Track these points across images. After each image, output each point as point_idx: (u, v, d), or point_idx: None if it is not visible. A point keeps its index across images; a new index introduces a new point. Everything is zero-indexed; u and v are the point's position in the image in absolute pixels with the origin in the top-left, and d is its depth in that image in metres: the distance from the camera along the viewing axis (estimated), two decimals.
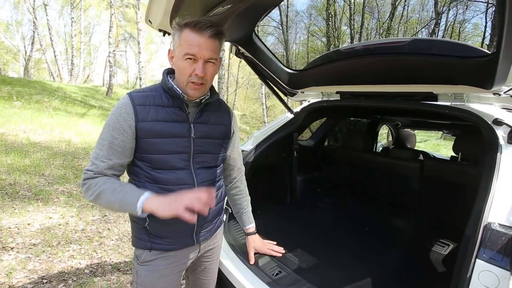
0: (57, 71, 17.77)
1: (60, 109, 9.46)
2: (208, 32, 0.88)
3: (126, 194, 0.87)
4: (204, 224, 1.09)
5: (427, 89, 1.44)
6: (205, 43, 0.88)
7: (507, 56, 0.92)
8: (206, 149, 1.04)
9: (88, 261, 2.38)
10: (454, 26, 17.05)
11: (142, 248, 1.02)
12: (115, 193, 0.87)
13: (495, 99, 1.30)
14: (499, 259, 0.81)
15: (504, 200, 0.97)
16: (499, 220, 0.90)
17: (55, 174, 4.08)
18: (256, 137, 2.04)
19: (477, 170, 1.69)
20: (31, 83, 12.40)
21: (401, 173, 2.18)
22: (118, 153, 0.92)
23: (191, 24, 0.88)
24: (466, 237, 0.92)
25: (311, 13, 23.29)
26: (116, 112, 0.92)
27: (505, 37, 0.86)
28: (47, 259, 2.32)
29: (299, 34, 25.07)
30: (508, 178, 1.03)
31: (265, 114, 21.19)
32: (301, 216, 2.06)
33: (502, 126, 1.22)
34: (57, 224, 2.83)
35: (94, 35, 28.24)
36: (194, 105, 1.01)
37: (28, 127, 6.10)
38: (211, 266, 1.26)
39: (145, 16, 1.33)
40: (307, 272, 1.33)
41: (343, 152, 2.64)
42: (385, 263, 1.50)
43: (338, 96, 1.95)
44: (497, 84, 1.07)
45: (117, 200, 0.86)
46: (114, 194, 0.87)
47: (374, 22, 18.70)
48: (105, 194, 0.87)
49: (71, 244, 2.57)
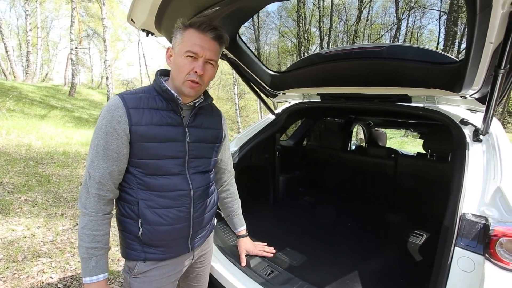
0: (9, 68, 16.20)
1: (16, 111, 8.66)
2: (212, 34, 0.89)
3: (83, 260, 0.89)
4: (199, 230, 1.07)
5: (403, 92, 1.55)
6: (208, 44, 0.89)
7: (474, 64, 1.03)
8: (200, 153, 1.03)
9: (61, 274, 2.22)
10: (413, 31, 18.41)
11: (134, 260, 0.97)
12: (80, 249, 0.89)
13: (462, 101, 1.44)
14: (474, 245, 0.91)
15: (473, 192, 1.08)
16: (471, 211, 1.00)
17: (16, 182, 3.73)
18: (239, 138, 2.05)
19: (446, 166, 1.86)
20: None
21: (377, 170, 2.32)
22: (114, 159, 0.87)
23: (195, 24, 0.89)
24: (444, 228, 1.02)
25: (282, 14, 23.73)
26: (108, 115, 0.86)
27: (474, 47, 0.96)
28: (12, 276, 2.12)
29: (270, 35, 25.39)
30: (475, 172, 1.16)
31: (237, 114, 21.17)
32: (285, 215, 2.11)
33: (468, 125, 1.36)
34: (22, 237, 2.60)
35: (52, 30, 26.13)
36: (188, 108, 0.99)
37: None
38: (203, 272, 1.24)
39: (128, 15, 1.28)
40: (298, 269, 1.37)
41: (322, 151, 2.74)
42: (367, 255, 1.59)
43: (318, 97, 2.03)
44: (465, 88, 1.19)
45: (80, 254, 0.90)
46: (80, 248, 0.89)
47: (342, 25, 19.53)
48: (78, 238, 0.90)
49: (40, 257, 2.37)
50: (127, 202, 0.94)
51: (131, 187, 0.93)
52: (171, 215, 0.95)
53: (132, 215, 0.93)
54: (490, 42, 0.94)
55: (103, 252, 0.91)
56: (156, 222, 0.93)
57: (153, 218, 0.93)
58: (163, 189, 0.93)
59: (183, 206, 0.98)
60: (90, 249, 0.88)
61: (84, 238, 0.88)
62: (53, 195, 3.59)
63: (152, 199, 0.92)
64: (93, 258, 0.89)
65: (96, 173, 0.86)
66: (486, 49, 0.97)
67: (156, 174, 0.92)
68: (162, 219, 0.93)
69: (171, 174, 0.94)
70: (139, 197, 0.92)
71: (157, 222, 0.93)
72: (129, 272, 0.98)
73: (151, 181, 0.92)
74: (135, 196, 0.92)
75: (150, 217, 0.92)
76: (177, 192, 0.95)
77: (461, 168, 1.16)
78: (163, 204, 0.93)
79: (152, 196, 0.92)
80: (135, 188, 0.93)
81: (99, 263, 0.90)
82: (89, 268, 0.88)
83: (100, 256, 0.90)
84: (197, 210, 1.03)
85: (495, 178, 1.09)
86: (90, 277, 0.88)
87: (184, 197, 0.97)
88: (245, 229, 1.45)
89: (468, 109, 1.49)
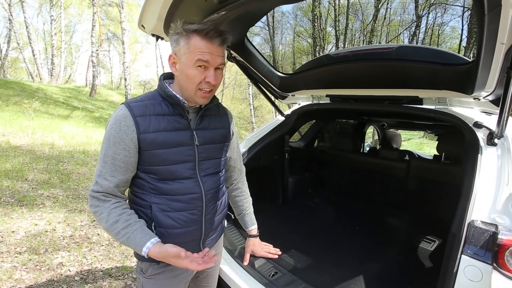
0: (36, 71, 17.09)
1: (41, 111, 9.13)
2: (219, 40, 0.88)
3: (130, 239, 0.86)
4: (210, 232, 1.09)
5: (413, 93, 1.51)
6: (216, 51, 0.88)
7: (486, 65, 1.00)
8: (209, 155, 1.03)
9: (78, 267, 2.33)
10: (434, 28, 17.73)
11: (149, 261, 0.97)
12: (119, 236, 0.87)
13: (475, 103, 1.39)
14: (482, 254, 0.88)
15: (485, 198, 1.04)
16: (481, 218, 0.97)
17: (39, 179, 3.95)
18: (248, 139, 2.07)
19: (460, 169, 1.79)
20: (9, 84, 11.87)
21: (389, 173, 2.27)
22: (121, 169, 0.89)
23: (202, 32, 0.85)
24: (452, 234, 0.99)
25: (297, 14, 23.58)
26: (115, 125, 0.87)
27: (484, 48, 0.93)
28: (35, 268, 2.25)
29: (285, 35, 25.30)
30: (488, 178, 1.11)
31: (252, 114, 21.23)
32: (293, 217, 2.11)
33: (482, 128, 1.31)
34: (44, 231, 2.75)
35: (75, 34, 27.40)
36: (194, 111, 0.99)
37: (7, 130, 5.86)
38: (212, 273, 1.26)
39: (138, 20, 1.33)
40: (302, 272, 1.37)
41: (333, 153, 2.71)
42: (376, 260, 1.57)
43: (328, 99, 2.01)
44: (477, 90, 1.15)
45: (123, 242, 0.87)
46: (119, 236, 0.87)
47: (358, 24, 19.14)
48: (110, 233, 0.88)
49: (59, 251, 2.50)
50: (140, 206, 0.96)
51: (144, 192, 0.95)
52: (184, 218, 0.96)
53: (145, 219, 0.94)
54: (501, 43, 0.90)
55: (141, 225, 0.90)
56: (169, 225, 0.94)
57: (166, 221, 0.94)
58: (175, 193, 0.94)
59: (195, 209, 0.99)
60: (126, 227, 0.87)
61: (114, 227, 0.87)
62: (73, 192, 3.76)
63: (165, 203, 0.93)
64: (135, 233, 0.87)
65: (104, 182, 0.88)
66: (498, 50, 0.93)
67: (169, 179, 0.93)
68: (175, 222, 0.95)
69: (183, 178, 0.95)
70: (152, 201, 0.93)
71: (170, 225, 0.94)
72: (143, 273, 1.00)
73: (163, 186, 0.93)
74: (148, 200, 0.94)
75: (163, 220, 0.94)
76: (189, 196, 0.96)
77: (472, 173, 1.12)
78: (176, 208, 0.95)
79: (165, 200, 0.93)
80: (147, 193, 0.94)
81: (143, 232, 0.88)
82: (137, 241, 0.86)
83: (139, 228, 0.88)
84: (209, 213, 1.04)
85: (508, 184, 1.04)
86: (144, 247, 0.85)
87: (196, 200, 0.98)
88: (255, 229, 1.43)
89: (482, 111, 1.44)
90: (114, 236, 0.88)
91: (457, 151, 1.81)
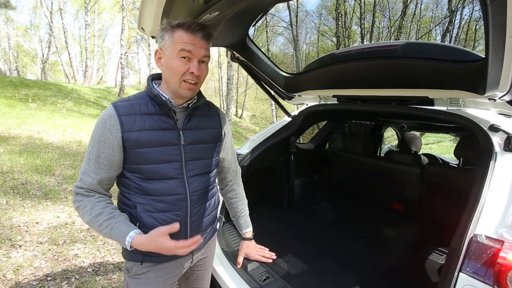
0: (71, 73, 18.34)
1: (74, 110, 9.76)
2: (201, 34, 0.90)
3: (113, 229, 0.87)
4: (197, 234, 1.06)
5: (423, 94, 1.40)
6: (199, 43, 0.90)
7: (496, 62, 0.89)
8: (198, 155, 1.02)
9: (91, 260, 2.45)
10: (470, 24, 16.51)
11: (133, 261, 0.99)
12: (102, 227, 0.88)
13: (492, 105, 1.25)
14: (482, 273, 0.79)
15: (494, 210, 0.93)
16: (486, 232, 0.87)
17: (65, 174, 4.21)
18: (252, 140, 2.05)
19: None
20: (47, 85, 12.84)
21: (401, 178, 2.13)
22: (105, 167, 0.90)
23: (184, 25, 0.89)
24: (451, 249, 0.90)
25: (321, 13, 23.17)
26: (101, 125, 0.90)
27: (491, 42, 0.83)
28: (53, 257, 2.40)
29: (309, 34, 24.97)
30: (501, 187, 1.00)
31: (274, 114, 21.17)
32: (296, 220, 2.05)
33: (499, 132, 1.18)
34: (64, 223, 2.93)
35: (107, 37, 29.00)
36: (182, 110, 0.99)
37: (42, 128, 6.33)
38: (203, 275, 1.25)
39: (138, 23, 1.36)
40: (295, 278, 1.32)
41: (344, 155, 2.60)
42: (376, 271, 1.47)
43: (335, 99, 1.93)
44: (490, 89, 1.03)
45: (106, 234, 0.88)
46: (102, 228, 0.88)
47: (386, 21, 18.35)
48: (93, 226, 0.89)
49: (76, 243, 2.64)
50: (126, 206, 0.97)
51: (130, 192, 0.96)
52: (167, 219, 0.96)
53: (131, 218, 0.95)
54: (511, 36, 0.80)
55: (124, 217, 0.91)
56: (152, 225, 0.94)
57: (149, 221, 0.94)
58: (159, 194, 0.94)
59: (179, 210, 0.98)
60: (110, 218, 0.88)
61: (98, 218, 0.88)
62: None
63: (149, 203, 0.94)
64: (118, 223, 0.88)
65: (87, 178, 0.90)
66: (509, 45, 0.83)
67: (153, 178, 0.94)
68: (157, 223, 0.94)
69: (168, 178, 0.95)
70: (137, 201, 0.94)
71: (153, 226, 0.93)
72: (128, 272, 1.01)
73: (147, 185, 0.94)
74: (133, 200, 0.95)
75: (146, 220, 0.94)
76: (173, 197, 0.96)
77: (482, 182, 1.01)
78: (159, 208, 0.95)
79: (149, 200, 0.94)
80: (133, 193, 0.95)
81: (126, 224, 0.89)
82: (121, 231, 0.87)
83: (123, 220, 0.90)
84: (195, 214, 1.02)
85: None
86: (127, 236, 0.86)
87: (181, 201, 0.98)
88: (250, 232, 1.41)
89: (500, 114, 1.29)
90: (97, 228, 0.88)
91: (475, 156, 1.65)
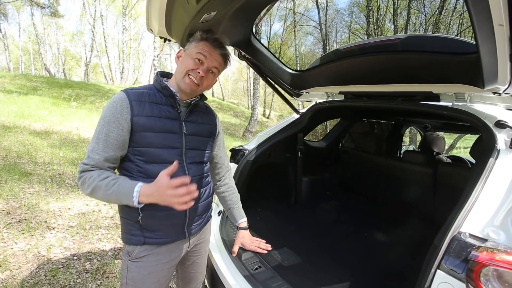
0: (110, 74, 19.74)
1: None
2: (219, 50, 1.07)
3: (120, 185, 0.91)
4: (195, 217, 1.15)
5: (427, 89, 1.34)
6: (215, 55, 1.06)
7: (489, 53, 0.85)
8: (195, 145, 1.12)
9: (113, 245, 2.66)
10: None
11: (134, 244, 1.04)
12: (109, 186, 0.91)
13: (499, 99, 1.17)
14: (459, 271, 0.76)
15: (486, 209, 0.88)
16: (472, 230, 0.83)
17: None
18: (259, 136, 2.09)
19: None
20: (88, 86, 13.96)
21: (414, 178, 2.03)
22: (113, 146, 0.95)
23: (209, 39, 1.06)
24: (433, 246, 0.87)
25: (353, 11, 22.46)
26: (112, 106, 0.96)
27: (479, 32, 0.79)
28: (79, 240, 2.64)
29: (340, 33, 24.32)
30: (499, 186, 0.94)
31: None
32: (300, 217, 2.05)
33: (505, 129, 1.10)
34: (92, 211, 3.20)
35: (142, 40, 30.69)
36: (185, 105, 1.10)
37: (81, 124, 6.92)
38: (199, 260, 1.31)
39: (146, 25, 1.47)
40: (285, 270, 1.34)
41: (356, 154, 2.54)
42: (370, 271, 1.43)
43: (342, 96, 1.91)
44: (489, 82, 0.97)
45: (113, 191, 0.90)
46: (109, 187, 0.91)
47: (422, 18, 17.28)
48: (100, 188, 0.91)
49: (101, 229, 2.89)
50: None
51: (132, 175, 1.01)
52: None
53: None
54: (500, 25, 0.76)
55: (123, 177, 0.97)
56: (154, 206, 0.98)
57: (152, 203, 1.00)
58: None
59: None
60: (116, 178, 0.93)
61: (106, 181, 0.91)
62: None
63: None
64: (125, 180, 0.94)
65: (95, 156, 0.94)
66: (499, 34, 0.79)
67: (155, 161, 1.01)
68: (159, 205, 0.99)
69: (169, 163, 1.00)
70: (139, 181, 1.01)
71: (155, 207, 0.98)
72: (128, 256, 1.06)
73: (150, 168, 1.00)
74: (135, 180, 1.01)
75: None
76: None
77: (476, 179, 0.96)
78: None
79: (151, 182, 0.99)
80: (135, 176, 1.00)
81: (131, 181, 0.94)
82: (128, 185, 0.92)
83: (127, 178, 0.96)
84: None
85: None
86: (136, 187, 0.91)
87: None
88: (245, 221, 1.47)
89: (508, 109, 1.20)
90: (104, 188, 0.91)
91: None
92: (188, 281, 1.33)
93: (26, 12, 23.92)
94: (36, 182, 3.58)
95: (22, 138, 4.97)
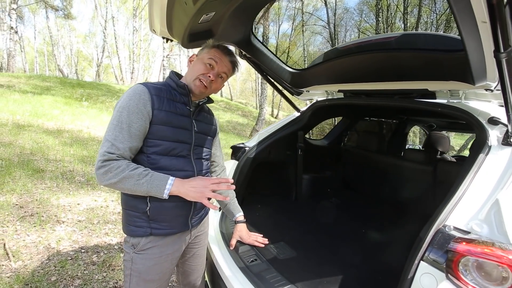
0: (120, 75, 20.15)
1: None
2: (229, 57, 1.16)
3: (153, 176, 0.96)
4: (198, 210, 1.21)
5: (422, 86, 1.35)
6: (225, 62, 1.15)
7: (475, 49, 0.86)
8: (201, 143, 1.20)
9: (119, 239, 2.75)
10: None
11: (140, 236, 1.05)
12: (142, 176, 0.94)
13: (492, 96, 1.17)
14: (441, 261, 0.78)
15: (472, 203, 0.90)
16: (457, 224, 0.85)
17: None
18: (260, 134, 2.13)
19: None
20: (99, 86, 14.29)
21: (414, 176, 2.03)
22: (136, 136, 0.97)
23: (220, 47, 1.15)
24: (418, 239, 0.89)
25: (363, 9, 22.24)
26: (135, 97, 0.98)
27: (463, 29, 0.81)
28: (87, 234, 2.74)
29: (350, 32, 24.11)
30: (488, 181, 0.95)
31: None
32: (300, 214, 2.08)
33: (498, 125, 1.11)
34: (100, 206, 3.31)
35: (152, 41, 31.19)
36: (194, 105, 1.18)
37: (92, 123, 7.11)
38: (199, 252, 1.36)
39: (149, 25, 1.53)
40: (280, 263, 1.37)
41: (358, 153, 2.54)
42: (366, 268, 1.44)
43: (341, 94, 1.93)
44: (479, 79, 0.98)
45: (146, 181, 0.94)
46: (141, 176, 0.94)
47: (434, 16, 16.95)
48: (131, 178, 0.93)
49: (108, 224, 2.98)
50: None
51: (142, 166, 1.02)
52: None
53: None
54: (483, 22, 0.78)
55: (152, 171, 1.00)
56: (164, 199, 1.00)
57: None
58: (173, 168, 1.05)
59: None
60: (147, 170, 0.97)
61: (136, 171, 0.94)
62: None
63: None
64: (157, 173, 0.98)
65: (120, 145, 0.94)
66: (483, 30, 0.80)
67: (168, 154, 1.05)
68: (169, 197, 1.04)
69: (180, 156, 1.09)
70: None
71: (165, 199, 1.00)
72: (133, 248, 1.06)
73: (162, 159, 1.04)
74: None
75: None
76: (184, 172, 1.08)
77: (465, 174, 0.97)
78: None
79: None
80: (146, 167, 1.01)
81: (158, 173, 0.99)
82: (161, 177, 0.97)
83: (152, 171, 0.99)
84: None
85: (504, 189, 0.88)
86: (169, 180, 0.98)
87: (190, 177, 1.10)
88: (242, 215, 1.52)
89: (501, 105, 1.20)
90: (136, 177, 0.93)
91: None
92: (188, 274, 1.37)
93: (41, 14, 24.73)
94: (48, 178, 3.72)
95: (36, 136, 5.16)
